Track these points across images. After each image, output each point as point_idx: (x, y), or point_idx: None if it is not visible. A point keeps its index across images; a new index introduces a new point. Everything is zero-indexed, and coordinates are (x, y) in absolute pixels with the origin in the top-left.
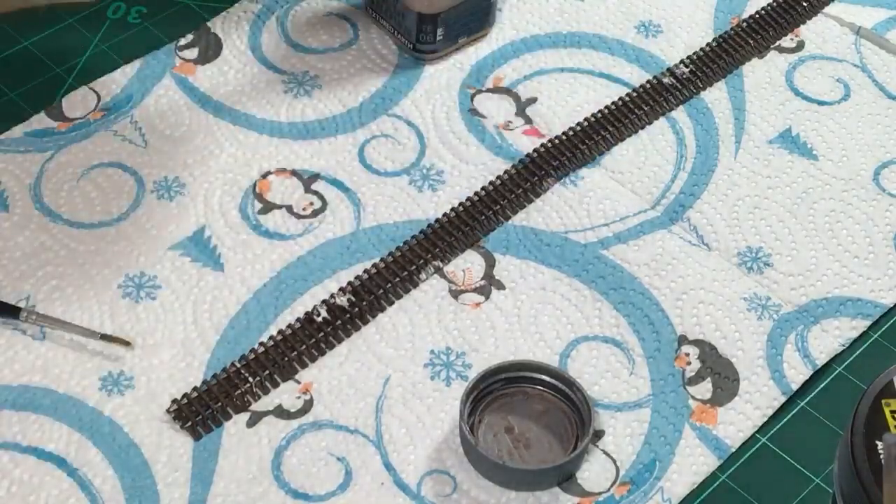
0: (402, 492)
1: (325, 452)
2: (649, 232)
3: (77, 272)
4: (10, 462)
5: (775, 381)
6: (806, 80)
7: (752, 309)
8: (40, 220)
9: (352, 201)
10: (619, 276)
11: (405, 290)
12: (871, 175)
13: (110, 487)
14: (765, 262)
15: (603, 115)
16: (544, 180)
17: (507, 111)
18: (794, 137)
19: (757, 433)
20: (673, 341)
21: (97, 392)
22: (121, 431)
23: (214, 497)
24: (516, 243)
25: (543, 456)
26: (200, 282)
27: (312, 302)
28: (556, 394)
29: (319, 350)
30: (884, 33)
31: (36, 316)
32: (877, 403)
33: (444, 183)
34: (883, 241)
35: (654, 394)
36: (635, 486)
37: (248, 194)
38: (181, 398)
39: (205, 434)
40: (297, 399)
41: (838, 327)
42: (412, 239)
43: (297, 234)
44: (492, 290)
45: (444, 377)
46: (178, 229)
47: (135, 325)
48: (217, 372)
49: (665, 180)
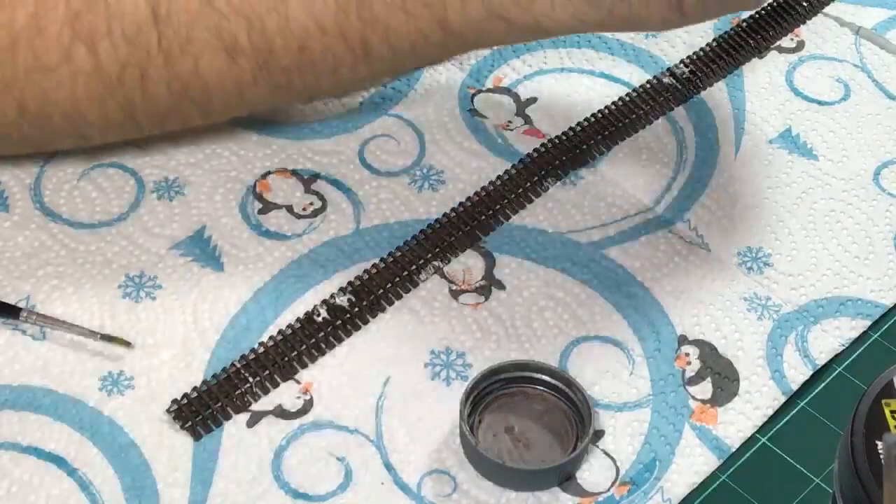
0: (402, 492)
1: (325, 452)
2: (649, 232)
3: (77, 272)
4: (10, 462)
5: (775, 381)
6: (806, 80)
7: (752, 309)
8: (40, 219)
9: (352, 201)
10: (619, 276)
11: (405, 289)
12: (871, 175)
13: (110, 487)
14: (765, 262)
15: (603, 115)
16: (544, 180)
17: (507, 111)
18: (794, 137)
19: (757, 433)
20: (673, 341)
21: (97, 392)
22: (121, 431)
23: (214, 497)
24: (516, 243)
25: (543, 456)
26: (200, 282)
27: (312, 302)
28: (556, 394)
29: (319, 350)
30: (884, 33)
31: (36, 316)
32: (877, 403)
33: (444, 183)
34: (883, 241)
35: (654, 394)
36: (635, 486)
37: (248, 194)
38: (181, 398)
39: (205, 434)
40: (297, 399)
41: (838, 327)
42: (412, 239)
43: (298, 234)
44: (492, 290)
45: (444, 377)
46: (178, 229)
47: (135, 325)
48: (217, 372)
49: (665, 180)
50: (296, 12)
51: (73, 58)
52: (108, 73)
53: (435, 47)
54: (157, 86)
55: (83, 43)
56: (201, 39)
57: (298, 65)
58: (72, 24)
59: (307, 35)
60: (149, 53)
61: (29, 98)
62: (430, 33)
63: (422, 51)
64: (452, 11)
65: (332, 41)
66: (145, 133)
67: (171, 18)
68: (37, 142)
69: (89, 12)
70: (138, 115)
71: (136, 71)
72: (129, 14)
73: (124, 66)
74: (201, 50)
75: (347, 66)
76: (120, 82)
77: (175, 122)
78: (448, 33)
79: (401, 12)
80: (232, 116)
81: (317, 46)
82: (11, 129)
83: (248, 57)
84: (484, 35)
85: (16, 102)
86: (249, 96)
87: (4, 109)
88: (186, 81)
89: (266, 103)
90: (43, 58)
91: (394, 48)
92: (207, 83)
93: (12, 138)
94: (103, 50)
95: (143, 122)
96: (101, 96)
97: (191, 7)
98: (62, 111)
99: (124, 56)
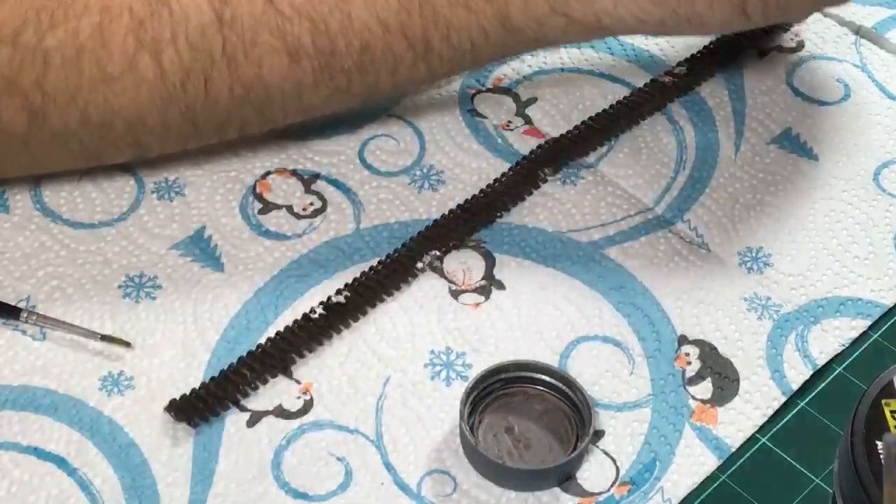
0: (402, 492)
1: (325, 452)
2: (649, 232)
3: (77, 272)
4: (10, 462)
5: (775, 381)
6: (806, 80)
7: (752, 309)
8: (40, 220)
9: (352, 201)
10: (619, 276)
11: (403, 283)
12: (871, 175)
13: (110, 487)
14: (765, 262)
15: (603, 115)
16: (544, 180)
17: (507, 111)
18: (794, 137)
19: (757, 433)
20: (673, 341)
21: (97, 392)
22: (121, 431)
23: (214, 497)
24: (516, 243)
25: (543, 456)
26: (200, 282)
27: (312, 302)
28: (556, 394)
29: (317, 342)
30: (884, 33)
31: (36, 316)
32: (877, 403)
33: (444, 183)
34: (883, 241)
35: (654, 394)
36: (635, 486)
37: (248, 194)
38: (178, 398)
39: (200, 427)
40: (297, 399)
41: (838, 327)
42: (409, 240)
43: (298, 235)
44: (492, 290)
45: (444, 377)
46: (178, 229)
47: (135, 325)
48: (215, 373)
49: (665, 180)
50: (358, 11)
51: (138, 66)
52: (172, 80)
53: (494, 45)
54: (220, 91)
55: (147, 51)
56: (265, 42)
57: (359, 65)
58: (136, 32)
59: (369, 34)
60: (213, 59)
61: (92, 108)
62: (490, 30)
63: (480, 49)
64: (514, 7)
65: (394, 39)
66: (204, 142)
67: (236, 22)
68: (95, 153)
69: (153, 20)
70: (199, 121)
71: (200, 77)
72: (193, 19)
73: (188, 73)
74: (265, 53)
75: (407, 66)
76: (183, 89)
77: (234, 129)
78: (508, 30)
79: (462, 8)
80: (290, 122)
81: (378, 45)
82: (72, 139)
83: (311, 58)
84: (543, 32)
85: (79, 112)
86: (309, 100)
87: (66, 120)
88: (249, 85)
89: (323, 107)
90: (107, 67)
91: (453, 46)
92: (269, 87)
93: (72, 149)
94: (167, 57)
95: (203, 129)
96: (163, 103)
97: (255, 10)
98: (124, 119)
99: (188, 62)
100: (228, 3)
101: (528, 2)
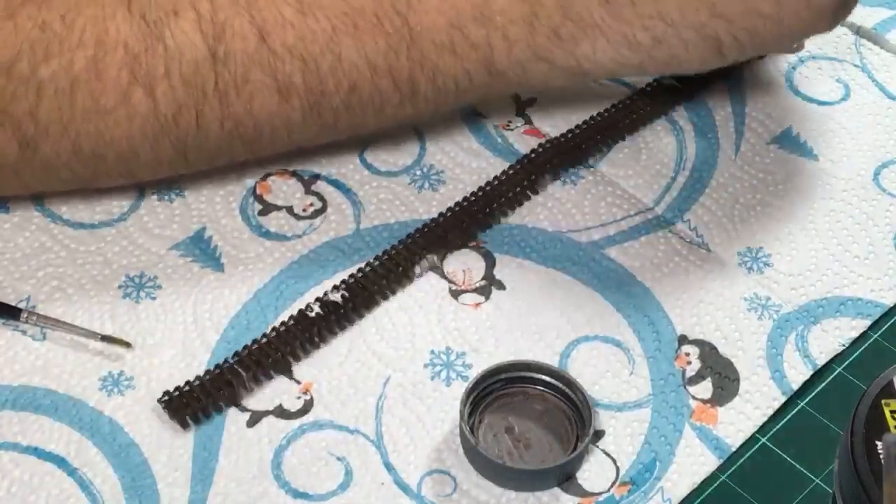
0: (403, 492)
1: (325, 452)
2: (649, 232)
3: (77, 272)
4: (10, 462)
5: (775, 381)
6: (806, 80)
7: (752, 309)
8: (41, 220)
9: (352, 201)
10: (619, 276)
11: (400, 284)
12: (871, 175)
13: (110, 487)
14: (765, 263)
15: (603, 115)
16: (544, 180)
17: (508, 111)
18: (794, 137)
19: (757, 433)
20: (673, 341)
21: (97, 392)
22: (121, 431)
23: (214, 497)
24: (516, 243)
25: (543, 456)
26: (200, 282)
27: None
28: (556, 394)
29: (313, 343)
30: (884, 33)
31: (36, 317)
32: (877, 403)
33: (444, 183)
34: (883, 241)
35: (654, 394)
36: (635, 486)
37: (248, 196)
38: (173, 390)
39: (194, 426)
40: (297, 399)
41: (838, 327)
42: (408, 238)
43: (298, 235)
44: (492, 290)
45: (444, 377)
46: (179, 230)
47: (135, 325)
48: (210, 368)
49: (665, 180)
50: (349, 52)
51: (131, 100)
52: (164, 113)
53: (478, 88)
54: (211, 125)
55: (141, 85)
56: (257, 80)
57: (347, 104)
58: (130, 66)
59: (358, 75)
60: (205, 94)
61: (84, 139)
62: (475, 74)
63: (465, 91)
64: (498, 52)
65: (382, 81)
66: (193, 170)
67: (229, 59)
68: (86, 180)
69: (148, 54)
70: (190, 153)
71: (192, 111)
72: (187, 55)
73: (181, 107)
74: (256, 90)
75: (393, 105)
76: (175, 122)
77: (223, 160)
78: (493, 74)
79: (448, 53)
80: (276, 153)
81: (366, 86)
82: (63, 168)
83: (301, 97)
84: (526, 76)
85: (71, 143)
86: (297, 135)
87: (59, 150)
88: (239, 121)
89: (311, 142)
90: (100, 100)
91: (439, 88)
92: (259, 122)
93: (63, 177)
94: (161, 92)
95: (194, 160)
96: (155, 136)
97: (248, 48)
98: (116, 151)
99: (181, 97)
100: (222, 40)
101: (511, 48)
